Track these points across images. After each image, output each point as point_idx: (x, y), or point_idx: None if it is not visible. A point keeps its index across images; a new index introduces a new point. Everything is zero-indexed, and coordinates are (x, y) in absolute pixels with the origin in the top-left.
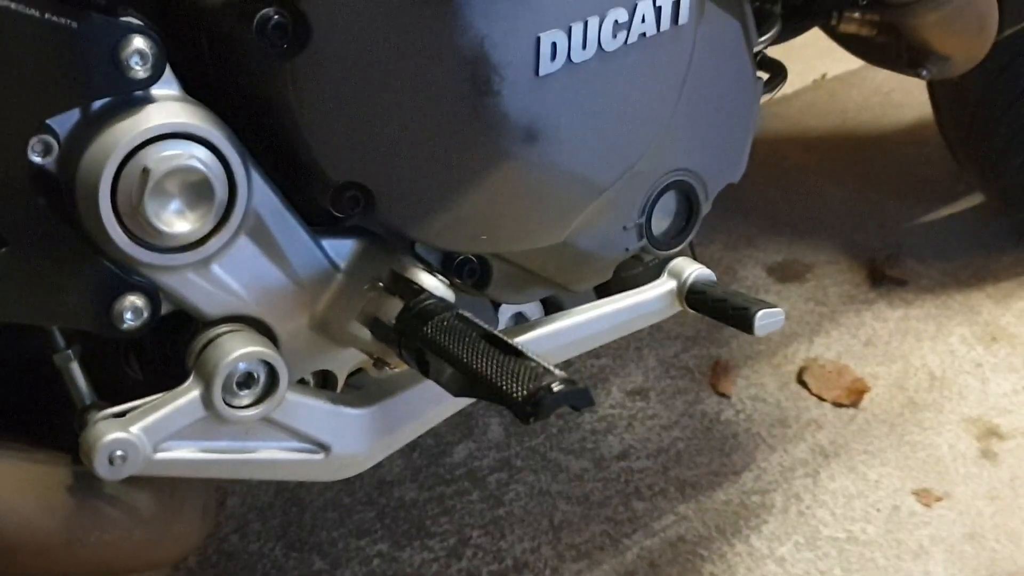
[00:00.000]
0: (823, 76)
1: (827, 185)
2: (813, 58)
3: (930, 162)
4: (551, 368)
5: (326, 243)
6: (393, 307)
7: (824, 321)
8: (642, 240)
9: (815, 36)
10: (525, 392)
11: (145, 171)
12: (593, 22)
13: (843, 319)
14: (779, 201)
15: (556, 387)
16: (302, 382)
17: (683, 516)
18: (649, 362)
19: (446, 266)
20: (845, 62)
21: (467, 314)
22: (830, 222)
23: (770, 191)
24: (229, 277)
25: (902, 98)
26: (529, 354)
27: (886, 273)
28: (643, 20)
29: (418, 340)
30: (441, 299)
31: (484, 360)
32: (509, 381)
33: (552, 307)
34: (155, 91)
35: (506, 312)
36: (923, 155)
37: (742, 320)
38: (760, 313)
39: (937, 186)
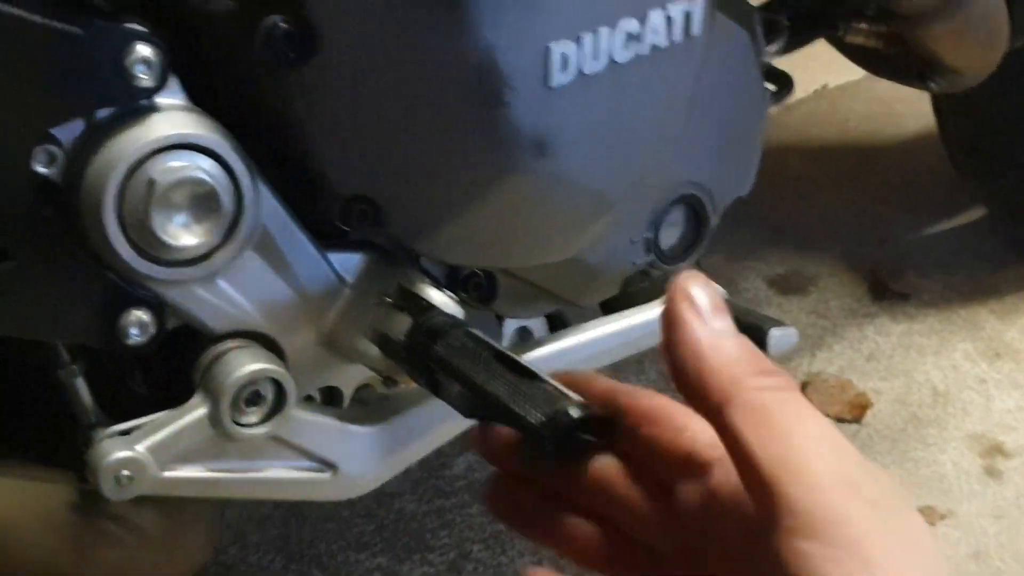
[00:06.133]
0: (824, 86)
1: (829, 196)
2: (814, 68)
3: (933, 174)
4: (568, 392)
5: (333, 257)
6: (401, 323)
7: (826, 335)
8: (650, 254)
9: (816, 46)
10: (542, 417)
11: (151, 182)
12: (604, 32)
13: (845, 333)
14: (780, 212)
15: (576, 413)
16: (308, 399)
17: None
18: (650, 375)
19: (452, 280)
20: (846, 72)
21: (478, 332)
22: (832, 233)
23: (771, 201)
24: (236, 291)
25: (904, 109)
26: (543, 376)
27: (888, 286)
28: (655, 31)
29: (428, 359)
30: (451, 316)
31: (497, 381)
32: (524, 405)
33: (557, 321)
34: (160, 100)
35: (510, 326)
36: (926, 167)
37: (754, 339)
38: (774, 332)
39: (940, 198)
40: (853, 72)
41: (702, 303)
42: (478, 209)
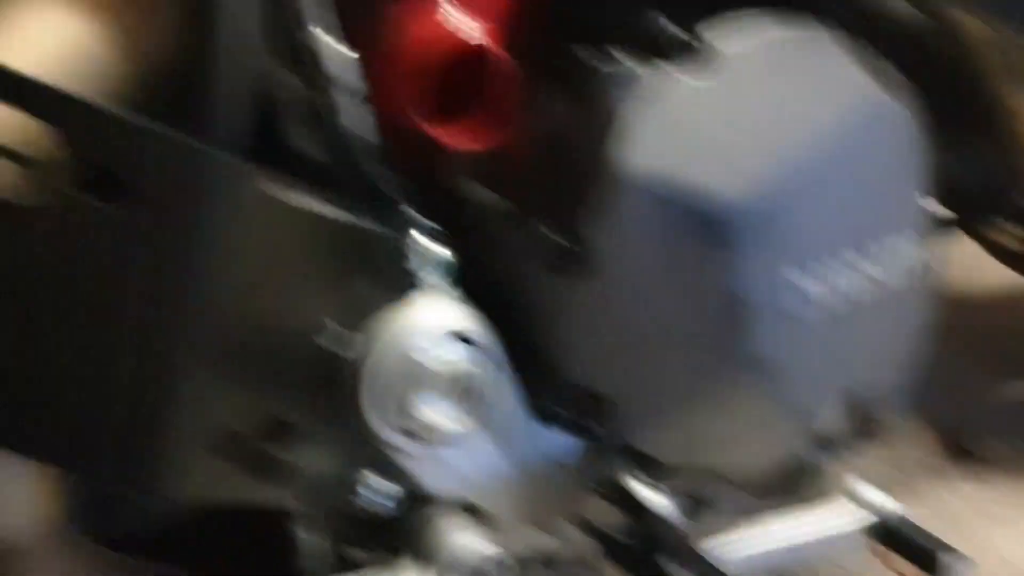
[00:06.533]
0: None
1: None
2: None
3: (1018, 337)
4: None
5: (548, 437)
6: (607, 513)
7: (899, 488)
8: (818, 447)
9: None
10: None
11: (423, 369)
12: (847, 272)
13: (919, 488)
14: None
15: None
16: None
17: None
18: None
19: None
20: None
21: (703, 551)
22: (914, 382)
23: None
24: (459, 462)
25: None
26: None
27: (965, 447)
28: (885, 266)
29: (652, 568)
30: (676, 527)
31: None
32: None
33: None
34: (438, 290)
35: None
36: (1014, 327)
37: (923, 564)
38: (951, 561)
39: None
40: None
41: None
42: (698, 417)
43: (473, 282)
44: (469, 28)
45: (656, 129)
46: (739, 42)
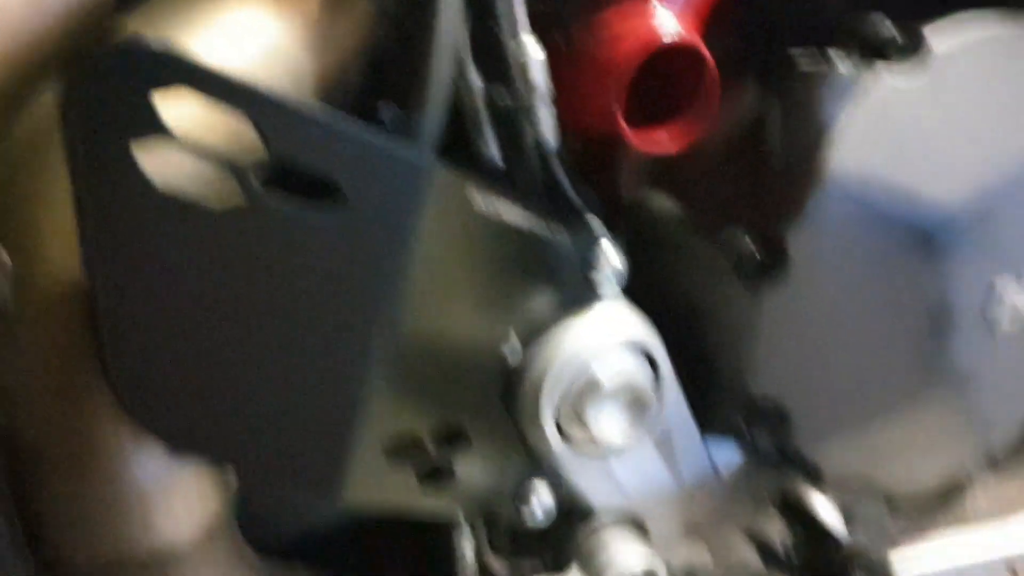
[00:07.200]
0: None
1: None
2: None
3: None
4: None
5: (712, 448)
6: (779, 528)
7: None
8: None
9: None
10: None
11: (596, 383)
12: None
13: None
14: None
15: None
16: None
17: None
18: None
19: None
20: None
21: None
22: None
23: None
24: (623, 475)
25: None
26: None
27: None
28: None
29: None
30: (867, 545)
31: None
32: None
33: None
34: (610, 299)
35: None
36: None
37: None
38: None
39: None
40: None
41: None
42: (878, 430)
43: (644, 293)
44: (675, 27)
45: (866, 132)
46: (953, 40)
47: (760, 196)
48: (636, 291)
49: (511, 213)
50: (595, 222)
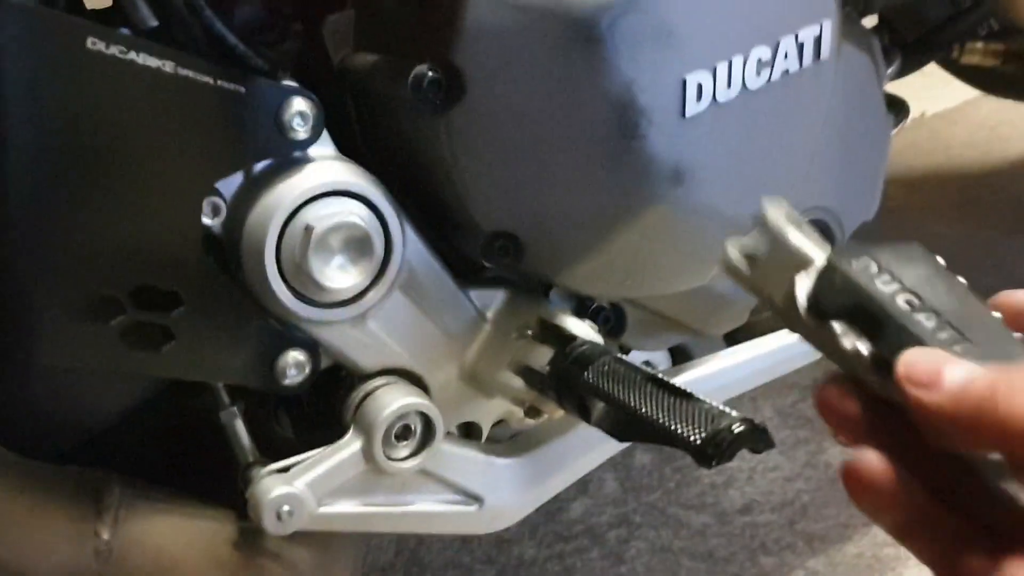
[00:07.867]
0: (922, 114)
1: (935, 226)
2: (910, 97)
3: None
4: (726, 409)
5: (472, 294)
6: (543, 355)
7: None
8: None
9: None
10: (704, 434)
11: (308, 229)
12: (737, 61)
13: None
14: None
15: (736, 428)
16: (449, 435)
17: (814, 571)
18: (765, 412)
19: (580, 314)
20: (944, 99)
21: (625, 358)
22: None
23: (875, 234)
24: (384, 330)
25: (1010, 131)
26: (699, 396)
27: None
28: (786, 57)
29: (579, 386)
30: (596, 344)
31: (653, 404)
32: (684, 424)
33: (680, 355)
34: (312, 151)
35: (635, 359)
36: None
37: None
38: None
39: None
40: (951, 98)
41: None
42: (616, 241)
43: (353, 145)
44: None
45: None
46: None
47: (428, 27)
48: (372, 152)
49: (173, 62)
50: (281, 75)
